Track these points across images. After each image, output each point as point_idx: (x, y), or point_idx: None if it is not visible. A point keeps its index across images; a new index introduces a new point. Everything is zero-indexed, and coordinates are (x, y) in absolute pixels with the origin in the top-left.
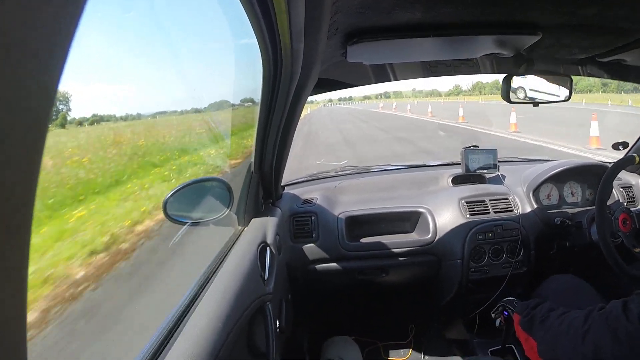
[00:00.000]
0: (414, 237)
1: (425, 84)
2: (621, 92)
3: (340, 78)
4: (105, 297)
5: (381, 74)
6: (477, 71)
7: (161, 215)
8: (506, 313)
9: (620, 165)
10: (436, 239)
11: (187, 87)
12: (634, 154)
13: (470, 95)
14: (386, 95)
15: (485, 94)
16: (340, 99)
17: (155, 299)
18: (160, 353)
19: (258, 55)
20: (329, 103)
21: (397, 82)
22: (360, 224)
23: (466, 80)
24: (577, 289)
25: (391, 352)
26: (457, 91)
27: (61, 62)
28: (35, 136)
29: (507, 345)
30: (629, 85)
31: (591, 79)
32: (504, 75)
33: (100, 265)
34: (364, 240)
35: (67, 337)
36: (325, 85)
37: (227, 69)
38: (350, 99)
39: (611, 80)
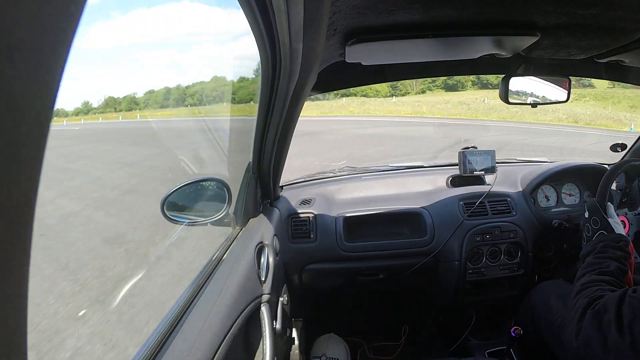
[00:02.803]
0: (411, 238)
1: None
2: None
3: (339, 78)
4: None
5: (379, 74)
6: (475, 72)
7: None
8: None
9: (619, 167)
10: (434, 241)
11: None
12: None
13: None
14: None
15: None
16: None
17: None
18: (157, 354)
19: (257, 55)
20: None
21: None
22: (358, 225)
23: None
24: (566, 294)
25: (387, 353)
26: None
27: (62, 61)
28: (37, 135)
29: (504, 348)
30: None
31: None
32: (503, 75)
33: None
34: (361, 241)
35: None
36: (324, 85)
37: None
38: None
39: None
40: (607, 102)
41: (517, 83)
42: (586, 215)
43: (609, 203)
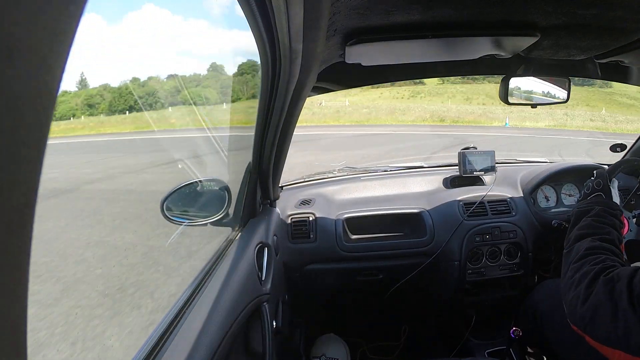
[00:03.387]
0: (411, 238)
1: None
2: None
3: (339, 79)
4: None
5: (380, 74)
6: (475, 72)
7: None
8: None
9: (617, 168)
10: (434, 241)
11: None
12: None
13: None
14: None
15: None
16: None
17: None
18: (157, 353)
19: (256, 55)
20: None
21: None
22: (358, 225)
23: None
24: None
25: (387, 353)
26: None
27: (62, 61)
28: (37, 135)
29: (503, 347)
30: None
31: None
32: (502, 76)
33: None
34: (361, 241)
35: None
36: (324, 86)
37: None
38: None
39: None
40: (442, 97)
41: (517, 83)
42: (592, 178)
43: (614, 178)
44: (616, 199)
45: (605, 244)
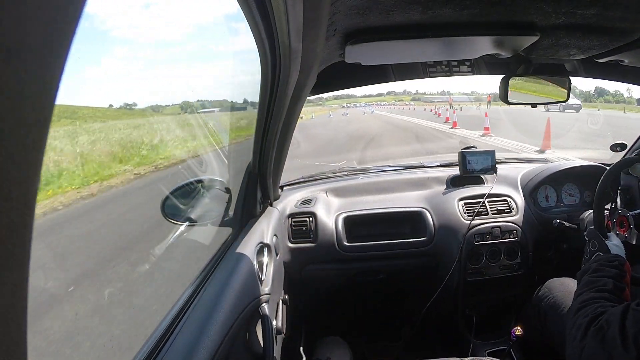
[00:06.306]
0: (411, 238)
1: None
2: None
3: (339, 78)
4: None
5: (380, 74)
6: (475, 72)
7: None
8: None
9: (618, 168)
10: (434, 241)
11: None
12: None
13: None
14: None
15: None
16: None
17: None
18: (157, 353)
19: (256, 55)
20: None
21: (395, 82)
22: (358, 224)
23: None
24: (573, 292)
25: (387, 353)
26: None
27: (62, 61)
28: (37, 135)
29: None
30: None
31: None
32: (502, 76)
33: None
34: (361, 241)
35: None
36: (324, 85)
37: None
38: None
39: None
40: None
41: (517, 83)
42: (586, 239)
43: (610, 233)
44: (615, 249)
45: (599, 294)
